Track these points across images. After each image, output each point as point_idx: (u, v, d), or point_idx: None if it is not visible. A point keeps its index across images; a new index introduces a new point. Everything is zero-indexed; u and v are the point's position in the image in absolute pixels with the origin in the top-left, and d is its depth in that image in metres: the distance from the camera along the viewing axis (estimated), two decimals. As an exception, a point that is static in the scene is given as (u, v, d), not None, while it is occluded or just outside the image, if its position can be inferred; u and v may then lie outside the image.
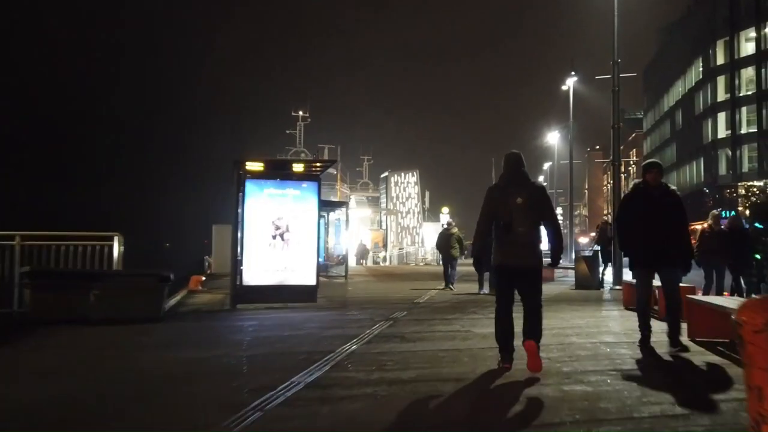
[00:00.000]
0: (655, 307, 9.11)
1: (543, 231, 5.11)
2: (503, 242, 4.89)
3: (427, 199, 57.02)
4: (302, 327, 7.75)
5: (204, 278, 17.32)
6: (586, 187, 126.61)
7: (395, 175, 48.30)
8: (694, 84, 58.16)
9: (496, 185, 5.16)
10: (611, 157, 15.77)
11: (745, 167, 49.81)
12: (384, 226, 50.69)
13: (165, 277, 8.21)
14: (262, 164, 10.06)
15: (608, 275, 15.51)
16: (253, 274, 9.87)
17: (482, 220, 5.03)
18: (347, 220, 19.44)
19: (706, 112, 54.54)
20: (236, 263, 9.87)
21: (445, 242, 14.87)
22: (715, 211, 11.37)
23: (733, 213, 23.89)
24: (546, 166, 66.96)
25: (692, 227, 12.05)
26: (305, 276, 10.13)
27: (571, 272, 18.69)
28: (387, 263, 44.53)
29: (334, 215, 23.19)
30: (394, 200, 47.78)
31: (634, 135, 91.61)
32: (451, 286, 14.40)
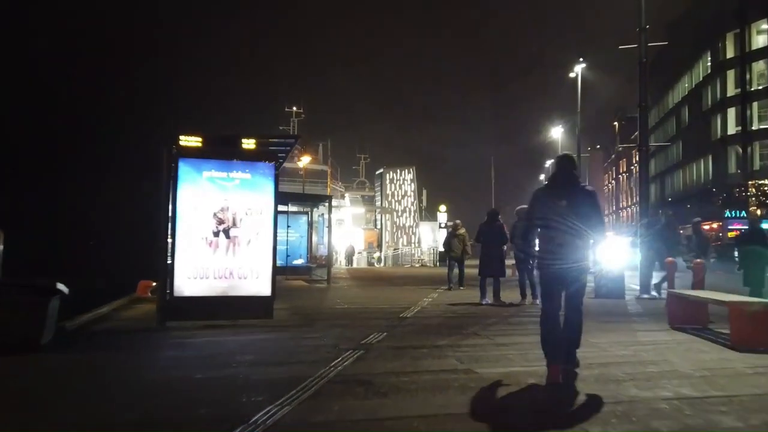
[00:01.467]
0: (724, 330, 6.83)
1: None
2: (546, 245, 4.85)
3: (424, 198, 54.81)
4: (231, 361, 5.45)
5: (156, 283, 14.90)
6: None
7: (390, 172, 46.04)
8: (701, 79, 56.01)
9: (542, 187, 5.19)
10: (638, 142, 13.51)
11: (757, 165, 47.61)
12: (378, 226, 48.45)
13: (48, 290, 5.90)
14: (200, 139, 7.74)
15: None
16: (187, 283, 7.56)
17: (527, 222, 5.14)
18: (329, 217, 17.09)
19: (714, 107, 52.34)
20: (165, 269, 7.56)
21: (453, 243, 14.55)
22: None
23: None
24: (548, 163, 64.83)
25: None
26: (258, 285, 7.82)
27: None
28: (382, 264, 42.29)
29: (319, 212, 20.87)
30: (389, 198, 45.49)
31: (636, 133, 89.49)
32: (461, 287, 14.26)
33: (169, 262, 7.56)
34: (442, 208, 33.99)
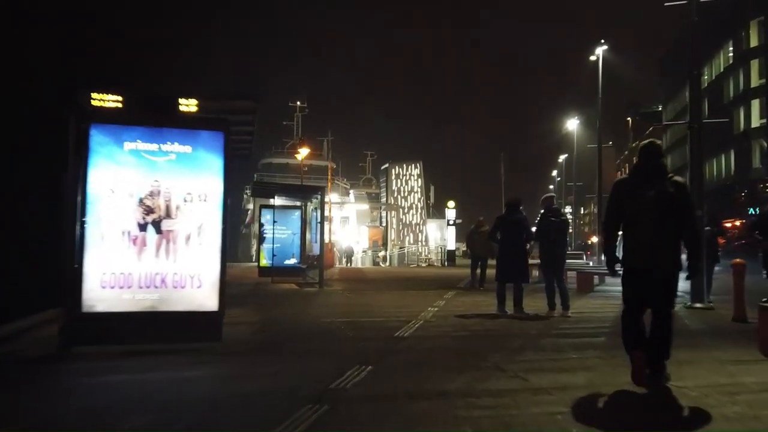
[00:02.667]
0: None
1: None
2: (631, 242, 4.45)
3: (432, 195, 52.68)
4: (118, 425, 3.41)
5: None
6: (597, 184, 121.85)
7: (396, 167, 43.84)
8: (722, 70, 53.53)
9: (623, 179, 4.70)
10: (688, 119, 11.40)
11: (783, 159, 45.10)
12: (384, 223, 46.40)
13: None
14: (120, 98, 5.71)
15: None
16: (101, 294, 5.52)
17: (608, 217, 4.71)
18: (321, 211, 15.01)
19: (737, 99, 49.88)
20: (70, 275, 5.52)
21: (476, 241, 14.07)
22: None
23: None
24: (561, 158, 62.50)
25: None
26: (201, 296, 5.77)
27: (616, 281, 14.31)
28: (387, 264, 40.26)
29: (313, 206, 18.79)
30: (395, 194, 43.36)
31: (650, 129, 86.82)
32: (481, 287, 13.48)
33: (76, 266, 5.52)
34: (451, 204, 31.84)
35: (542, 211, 9.03)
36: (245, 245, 52.65)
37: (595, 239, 59.06)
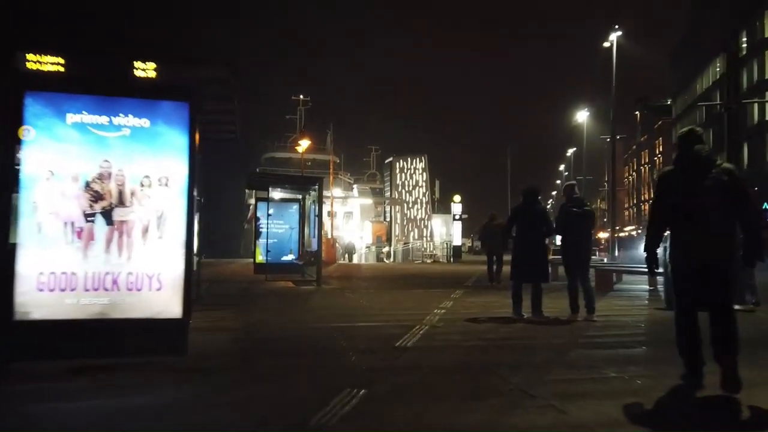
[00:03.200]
0: None
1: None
2: (685, 237, 4.12)
3: (437, 189, 51.64)
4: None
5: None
6: (606, 179, 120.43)
7: (400, 160, 42.72)
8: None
9: (670, 170, 4.32)
10: (726, 99, 10.34)
11: (799, 152, 43.87)
12: (388, 218, 45.39)
13: None
14: (61, 60, 4.71)
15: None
16: (38, 299, 4.55)
17: (656, 213, 4.34)
18: (319, 204, 14.00)
19: (751, 91, 48.48)
20: (3, 276, 4.55)
21: (491, 235, 13.96)
22: None
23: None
24: (569, 152, 61.34)
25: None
26: (160, 300, 4.79)
27: (639, 279, 13.27)
28: (391, 260, 39.27)
29: (311, 199, 17.80)
30: (399, 188, 42.26)
31: (660, 123, 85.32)
32: (497, 283, 13.34)
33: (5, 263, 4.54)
34: (457, 198, 30.81)
35: (564, 201, 8.01)
36: (248, 241, 51.70)
37: (602, 234, 57.86)
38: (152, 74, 5.06)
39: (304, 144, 27.70)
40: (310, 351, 5.57)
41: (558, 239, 8.81)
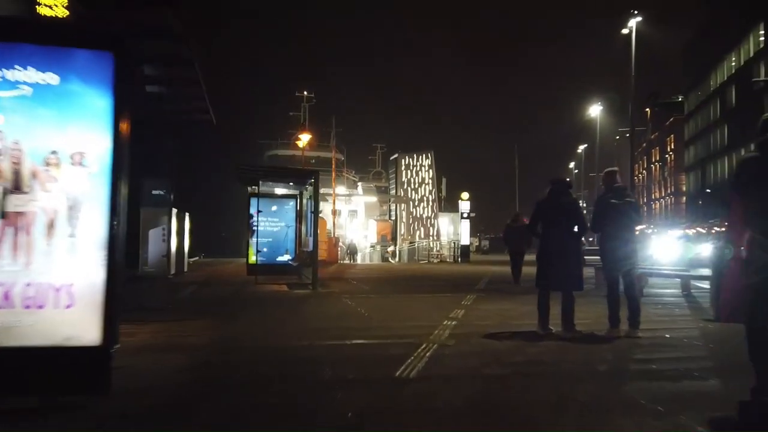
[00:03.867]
0: None
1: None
2: None
3: (444, 187, 50.29)
4: None
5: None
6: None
7: (406, 157, 41.37)
8: (753, 54, 50.53)
9: (754, 156, 3.68)
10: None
11: (820, 148, 42.09)
12: (393, 217, 44.07)
13: None
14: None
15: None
16: None
17: (751, 201, 3.52)
18: (316, 200, 12.70)
19: (769, 85, 46.82)
20: None
21: (513, 235, 13.49)
22: None
23: None
24: (581, 148, 59.90)
25: None
26: (71, 321, 3.50)
27: (665, 282, 11.86)
28: (396, 259, 38.00)
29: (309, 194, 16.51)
30: (405, 186, 40.93)
31: (671, 120, 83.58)
32: (516, 283, 12.86)
33: None
34: (465, 195, 29.43)
35: (602, 192, 6.70)
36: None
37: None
38: (62, 13, 3.81)
39: (305, 138, 26.38)
40: (284, 384, 4.28)
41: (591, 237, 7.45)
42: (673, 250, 26.89)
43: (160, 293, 11.47)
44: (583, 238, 6.85)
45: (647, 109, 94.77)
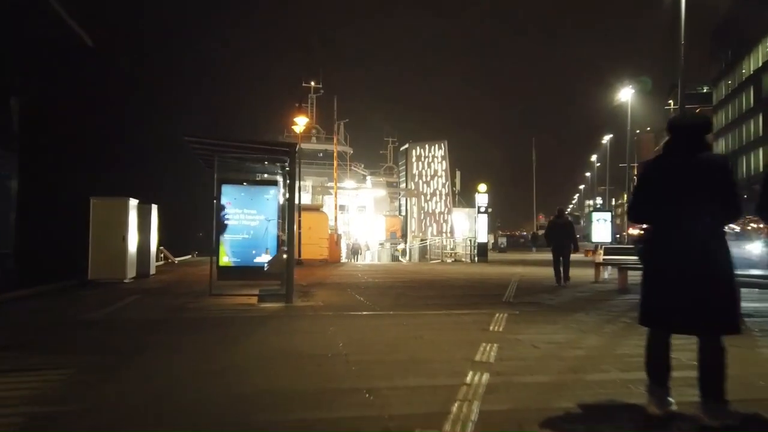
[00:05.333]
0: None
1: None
2: None
3: (458, 181, 47.11)
4: None
5: None
6: (635, 174, 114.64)
7: (417, 148, 38.26)
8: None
9: None
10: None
11: None
12: (403, 212, 40.99)
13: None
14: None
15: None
16: None
17: None
18: (291, 184, 9.68)
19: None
20: None
21: (558, 233, 12.78)
22: None
23: None
24: (605, 139, 56.40)
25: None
26: None
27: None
28: (407, 258, 34.95)
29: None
30: (416, 179, 37.87)
31: (697, 110, 79.59)
32: (566, 282, 12.41)
33: None
34: (482, 187, 26.25)
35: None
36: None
37: (633, 231, 52.79)
38: None
39: (301, 122, 23.39)
40: None
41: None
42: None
43: (75, 308, 8.56)
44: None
45: (670, 101, 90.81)
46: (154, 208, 15.23)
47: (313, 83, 58.21)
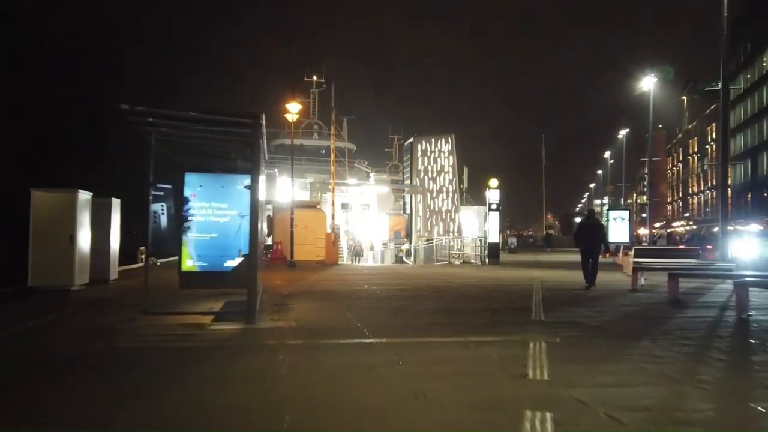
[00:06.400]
0: None
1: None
2: None
3: (465, 178, 44.76)
4: None
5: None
6: (646, 171, 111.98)
7: (422, 142, 36.01)
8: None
9: None
10: None
11: None
12: (408, 210, 38.72)
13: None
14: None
15: None
16: None
17: None
18: (254, 163, 7.48)
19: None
20: None
21: (589, 234, 12.27)
22: None
23: None
24: (622, 133, 53.94)
25: None
26: None
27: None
28: (411, 259, 32.70)
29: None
30: (421, 175, 35.65)
31: (713, 107, 76.84)
32: (593, 285, 11.79)
33: None
34: (493, 182, 23.96)
35: None
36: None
37: (644, 231, 50.40)
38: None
39: (293, 109, 21.17)
40: None
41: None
42: (750, 250, 21.52)
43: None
44: None
45: (683, 97, 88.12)
46: (115, 202, 13.06)
47: (315, 77, 55.92)
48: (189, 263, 10.75)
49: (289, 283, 13.33)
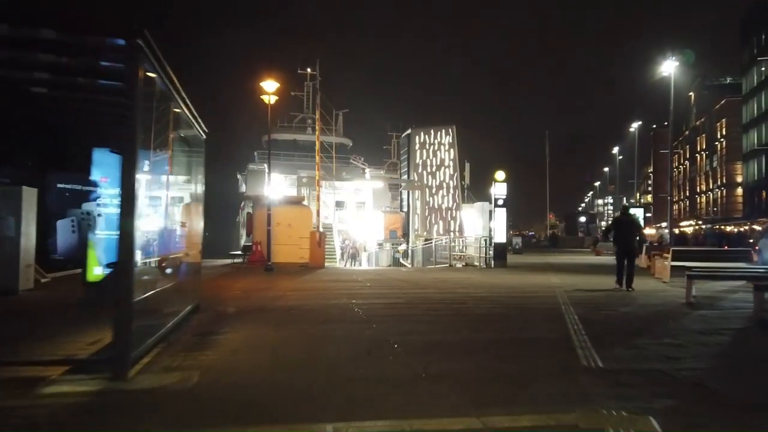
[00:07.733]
0: None
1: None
2: None
3: (467, 173, 42.04)
4: None
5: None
6: (650, 170, 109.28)
7: (421, 134, 33.23)
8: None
9: None
10: None
11: None
12: (405, 208, 36.02)
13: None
14: None
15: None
16: None
17: None
18: (131, 126, 4.75)
19: None
20: None
21: (623, 231, 11.51)
22: None
23: None
24: (633, 126, 51.25)
25: None
26: None
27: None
28: (408, 261, 30.00)
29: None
30: (420, 169, 32.90)
31: (723, 102, 74.03)
32: (630, 288, 10.95)
33: None
34: (500, 175, 21.22)
35: None
36: (236, 236, 42.95)
37: (661, 232, 47.85)
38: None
39: (269, 88, 18.27)
40: None
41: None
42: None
43: None
44: None
45: (691, 93, 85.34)
46: (29, 192, 10.30)
47: (309, 70, 53.02)
48: (96, 271, 8.01)
49: (248, 294, 10.60)
